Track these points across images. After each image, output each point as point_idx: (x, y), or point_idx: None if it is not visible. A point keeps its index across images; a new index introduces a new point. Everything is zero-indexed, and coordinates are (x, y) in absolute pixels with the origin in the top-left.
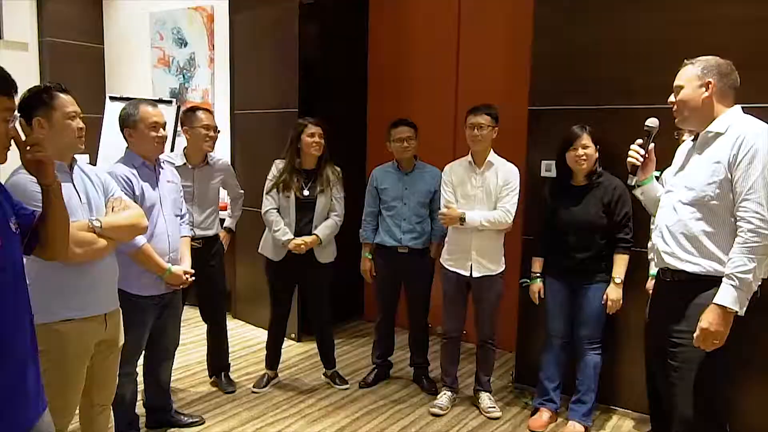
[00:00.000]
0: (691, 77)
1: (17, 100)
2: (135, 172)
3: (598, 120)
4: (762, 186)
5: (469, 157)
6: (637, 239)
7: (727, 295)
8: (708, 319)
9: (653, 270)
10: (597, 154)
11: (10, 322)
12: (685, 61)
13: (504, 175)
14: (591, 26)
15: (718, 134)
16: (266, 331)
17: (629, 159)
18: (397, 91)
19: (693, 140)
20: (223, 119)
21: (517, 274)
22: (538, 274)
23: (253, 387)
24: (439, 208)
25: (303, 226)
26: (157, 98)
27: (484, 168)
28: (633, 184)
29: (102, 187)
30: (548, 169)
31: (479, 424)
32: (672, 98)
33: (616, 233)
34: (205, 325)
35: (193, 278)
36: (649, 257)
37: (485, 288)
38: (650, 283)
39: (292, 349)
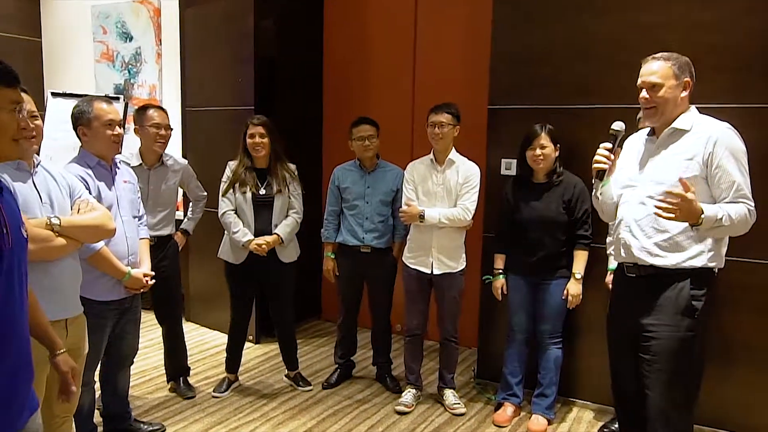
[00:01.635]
0: (668, 75)
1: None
2: (90, 172)
3: (557, 119)
4: (745, 183)
5: (430, 155)
6: (595, 235)
7: (710, 211)
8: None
9: (612, 264)
10: (556, 153)
11: (20, 322)
12: (653, 56)
13: (464, 173)
14: (549, 27)
15: (683, 131)
16: (222, 334)
17: (596, 164)
18: (354, 88)
19: (648, 136)
20: (173, 116)
21: (479, 272)
22: (501, 271)
23: (214, 392)
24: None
25: (262, 227)
26: (103, 94)
27: (445, 166)
28: (599, 188)
29: (68, 188)
30: (508, 167)
31: (445, 420)
32: (645, 93)
33: (576, 230)
34: (160, 329)
35: (153, 281)
36: (608, 252)
37: (446, 285)
38: (609, 278)
39: (251, 352)
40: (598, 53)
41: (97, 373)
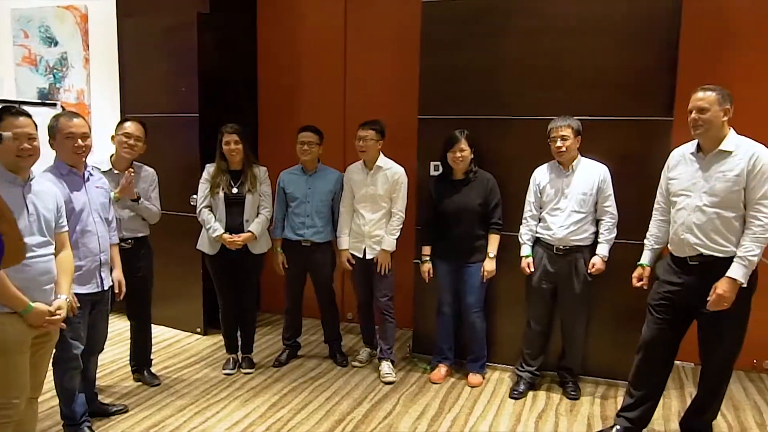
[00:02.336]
0: (714, 101)
1: None
2: (62, 179)
3: (477, 127)
4: None
5: (360, 162)
6: (507, 224)
7: (739, 272)
8: (723, 288)
9: (526, 251)
10: (472, 155)
11: None
12: (703, 86)
13: (392, 177)
14: (471, 49)
15: (728, 152)
16: (166, 328)
17: None
18: (287, 99)
19: (693, 154)
20: (104, 122)
21: (412, 261)
22: (428, 258)
23: (223, 369)
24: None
25: (234, 223)
26: (20, 99)
27: (374, 171)
28: None
29: (55, 203)
30: (436, 168)
31: (391, 388)
32: (695, 115)
33: (490, 218)
34: (116, 324)
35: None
36: (523, 240)
37: (376, 267)
38: (525, 263)
39: (200, 343)
40: (512, 72)
41: None
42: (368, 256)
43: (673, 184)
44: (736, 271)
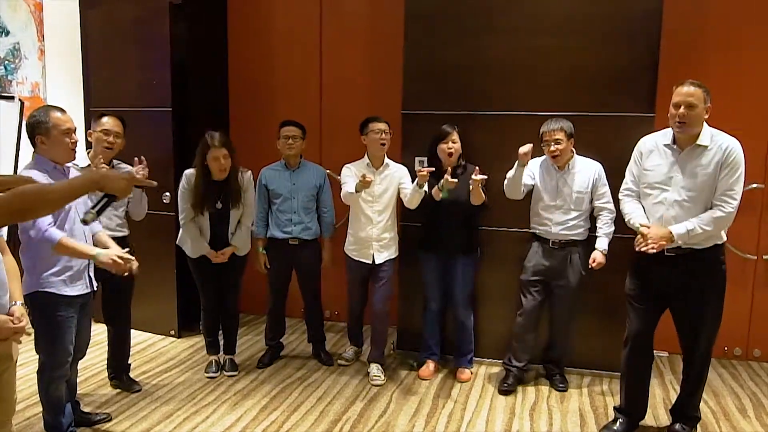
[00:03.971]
0: (701, 98)
1: None
2: (47, 176)
3: (462, 123)
4: (739, 186)
5: (366, 160)
6: (489, 220)
7: (681, 229)
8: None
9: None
10: (460, 149)
11: None
12: (689, 81)
13: (401, 174)
14: (455, 45)
15: (704, 147)
16: (137, 331)
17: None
18: (259, 92)
19: (668, 146)
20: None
21: (400, 258)
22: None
23: (205, 372)
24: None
25: (218, 237)
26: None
27: (382, 169)
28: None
29: None
30: (421, 163)
31: (381, 388)
32: (683, 110)
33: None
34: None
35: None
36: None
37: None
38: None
39: (176, 345)
40: (497, 69)
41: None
42: (378, 261)
43: (648, 175)
44: (679, 229)
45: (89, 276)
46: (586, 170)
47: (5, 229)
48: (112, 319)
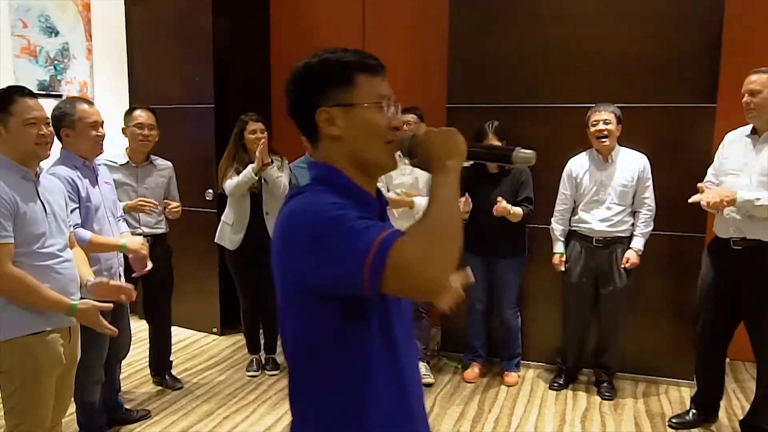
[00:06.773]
0: (766, 83)
1: None
2: (78, 173)
3: (506, 116)
4: None
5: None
6: (539, 217)
7: (747, 195)
8: None
9: (559, 248)
10: None
11: None
12: (756, 69)
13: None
14: (500, 36)
15: None
16: (180, 329)
17: None
18: None
19: (748, 136)
20: (113, 115)
21: None
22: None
23: (246, 371)
24: None
25: (256, 218)
26: (45, 92)
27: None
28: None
29: (64, 195)
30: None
31: (425, 389)
32: (747, 98)
33: (517, 198)
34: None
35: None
36: (553, 236)
37: None
38: (557, 259)
39: (218, 343)
40: (541, 59)
41: None
42: None
43: (724, 163)
44: (744, 194)
45: (119, 276)
46: (632, 162)
47: (75, 220)
48: (152, 317)
